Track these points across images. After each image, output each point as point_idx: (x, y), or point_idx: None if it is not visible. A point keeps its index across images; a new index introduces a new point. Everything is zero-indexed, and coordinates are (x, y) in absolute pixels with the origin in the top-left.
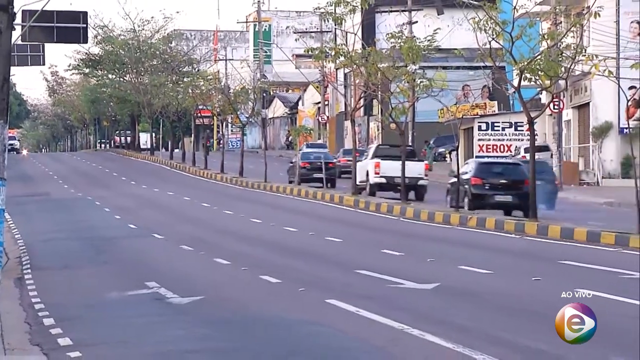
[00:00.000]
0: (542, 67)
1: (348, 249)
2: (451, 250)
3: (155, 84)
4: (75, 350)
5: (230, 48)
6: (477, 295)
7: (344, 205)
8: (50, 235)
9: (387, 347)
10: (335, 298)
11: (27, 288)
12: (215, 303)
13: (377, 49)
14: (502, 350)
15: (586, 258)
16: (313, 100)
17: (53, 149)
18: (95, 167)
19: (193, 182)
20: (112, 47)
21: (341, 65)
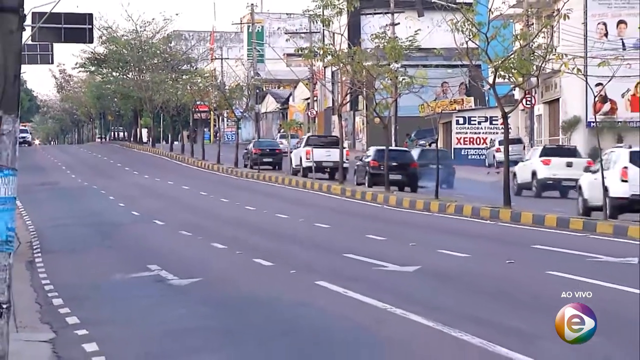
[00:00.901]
0: (515, 66)
1: (335, 234)
2: (431, 236)
3: (156, 81)
4: (82, 329)
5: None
6: (455, 277)
7: (332, 193)
8: (59, 222)
9: (372, 326)
10: (324, 280)
11: (38, 270)
12: (212, 284)
13: (362, 49)
14: (479, 329)
15: (556, 242)
16: (303, 96)
17: (61, 141)
18: (100, 158)
19: (191, 172)
20: (115, 47)
21: (329, 63)
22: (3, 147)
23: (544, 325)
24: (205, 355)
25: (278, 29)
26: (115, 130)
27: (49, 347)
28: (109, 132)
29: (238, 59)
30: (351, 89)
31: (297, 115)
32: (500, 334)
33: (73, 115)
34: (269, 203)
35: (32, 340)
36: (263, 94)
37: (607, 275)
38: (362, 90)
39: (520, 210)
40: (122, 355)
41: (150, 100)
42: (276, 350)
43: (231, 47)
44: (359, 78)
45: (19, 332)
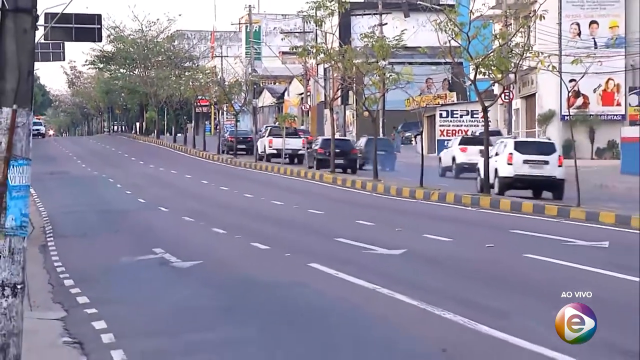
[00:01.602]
0: (494, 63)
1: (327, 220)
2: (416, 221)
3: (160, 77)
4: (92, 308)
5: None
6: (439, 260)
7: (324, 182)
8: (70, 208)
9: (361, 304)
10: (316, 262)
11: (50, 254)
12: (213, 266)
13: (352, 47)
14: (461, 307)
15: (533, 228)
16: (297, 91)
17: (72, 133)
18: (108, 149)
19: (193, 162)
20: (123, 45)
21: (321, 61)
22: (17, 138)
23: (520, 304)
24: (206, 332)
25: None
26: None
27: (61, 325)
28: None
29: (237, 57)
30: (342, 85)
31: (291, 109)
32: (480, 312)
33: (83, 109)
34: (265, 191)
35: (45, 319)
36: (260, 89)
37: (580, 258)
38: (352, 85)
39: (499, 198)
40: (129, 332)
41: (155, 95)
42: (273, 326)
43: (230, 46)
44: (349, 74)
45: (32, 310)
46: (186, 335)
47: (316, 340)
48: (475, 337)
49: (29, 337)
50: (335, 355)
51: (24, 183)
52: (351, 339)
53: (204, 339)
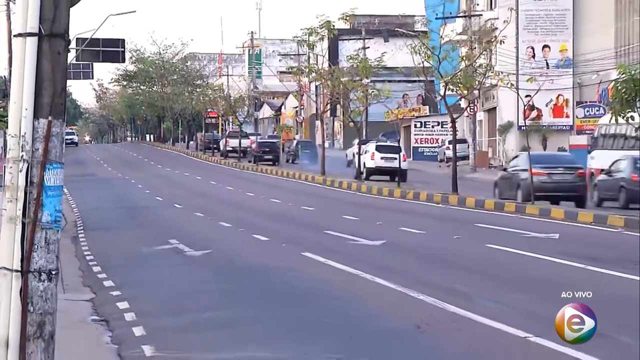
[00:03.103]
0: (461, 81)
1: (318, 215)
2: (393, 216)
3: (175, 93)
4: (116, 290)
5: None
6: (413, 250)
7: (315, 182)
8: (98, 205)
9: (347, 287)
10: (309, 251)
11: (81, 244)
12: (220, 255)
13: (340, 68)
14: (432, 290)
15: (494, 222)
16: (292, 105)
17: (99, 141)
18: (130, 154)
19: (203, 165)
20: (143, 66)
21: (313, 79)
22: (52, 145)
23: (483, 287)
24: (215, 311)
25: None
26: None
27: (90, 305)
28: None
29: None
30: (331, 100)
31: (287, 121)
32: (449, 294)
33: (109, 120)
34: (264, 190)
35: (76, 300)
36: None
37: (534, 247)
38: (339, 100)
39: (465, 196)
40: (148, 312)
41: (171, 108)
42: (272, 305)
43: (235, 66)
44: (337, 91)
45: (65, 293)
46: (198, 313)
47: (308, 318)
48: (445, 316)
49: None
50: (323, 331)
51: (58, 184)
52: (337, 317)
53: (213, 317)
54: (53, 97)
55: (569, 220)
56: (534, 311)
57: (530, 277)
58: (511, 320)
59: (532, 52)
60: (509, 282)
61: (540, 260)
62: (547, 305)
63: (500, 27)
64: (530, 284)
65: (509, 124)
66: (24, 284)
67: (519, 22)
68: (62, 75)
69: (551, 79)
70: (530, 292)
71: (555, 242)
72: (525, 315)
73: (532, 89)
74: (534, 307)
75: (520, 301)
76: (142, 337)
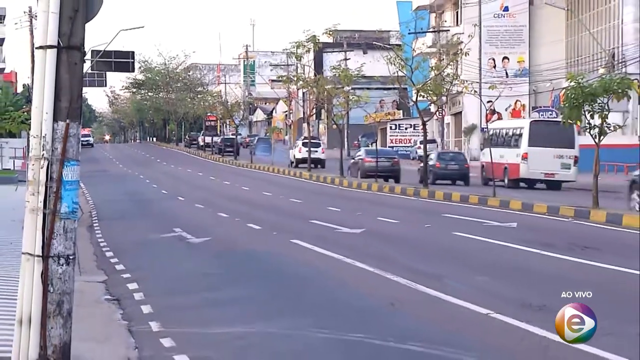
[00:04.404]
0: (431, 88)
1: (305, 206)
2: (371, 208)
3: (179, 99)
4: (126, 273)
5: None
6: (389, 237)
7: (302, 178)
8: (110, 198)
9: (331, 270)
10: (297, 239)
11: (95, 232)
12: (219, 242)
13: (324, 76)
14: (405, 272)
15: (459, 212)
16: (282, 109)
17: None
18: (138, 153)
19: (204, 163)
20: (150, 75)
21: (300, 86)
22: (70, 145)
23: (450, 269)
24: (214, 291)
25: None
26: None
27: (103, 286)
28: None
29: (237, 84)
30: (316, 105)
31: (278, 123)
32: (420, 276)
33: (120, 122)
34: (258, 185)
35: (91, 281)
36: (254, 108)
37: (495, 235)
38: (324, 105)
39: (434, 190)
40: (155, 292)
41: (175, 112)
42: (264, 285)
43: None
44: (321, 97)
45: (81, 275)
46: (199, 293)
47: (296, 297)
48: (416, 295)
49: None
50: (309, 308)
51: (75, 179)
52: (322, 296)
53: (213, 296)
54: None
55: (525, 210)
56: (495, 291)
57: (492, 261)
58: (475, 299)
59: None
60: (473, 266)
61: (501, 246)
62: (506, 286)
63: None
64: (491, 267)
65: (473, 126)
66: (45, 268)
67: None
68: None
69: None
70: (492, 274)
71: (513, 230)
72: (488, 294)
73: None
74: (495, 288)
75: (483, 282)
76: (149, 314)
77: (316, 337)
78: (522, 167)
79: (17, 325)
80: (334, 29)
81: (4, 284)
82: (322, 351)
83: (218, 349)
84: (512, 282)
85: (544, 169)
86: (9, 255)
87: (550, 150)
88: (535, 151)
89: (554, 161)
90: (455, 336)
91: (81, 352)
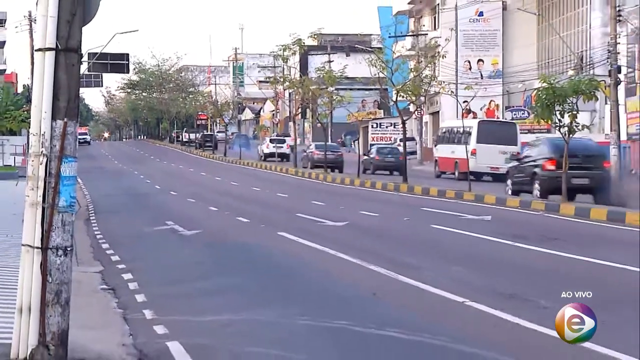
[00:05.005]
0: (410, 89)
1: (291, 200)
2: (354, 202)
3: (171, 98)
4: (121, 264)
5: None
6: (370, 229)
7: (288, 174)
8: (106, 192)
9: (315, 261)
10: (283, 231)
11: (92, 225)
12: (209, 234)
13: (309, 78)
14: (386, 263)
15: (437, 206)
16: (269, 109)
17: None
18: (133, 150)
19: (196, 159)
20: (144, 76)
21: (287, 87)
22: (67, 142)
23: (428, 260)
24: (205, 281)
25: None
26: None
27: (99, 277)
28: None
29: (226, 84)
30: (301, 104)
31: (266, 122)
32: (400, 266)
33: (115, 121)
34: (246, 180)
35: (88, 272)
36: (243, 108)
37: (471, 228)
38: (309, 104)
39: (413, 184)
40: (148, 281)
41: (168, 112)
42: (252, 276)
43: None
44: (306, 97)
45: (78, 266)
46: (190, 283)
47: (282, 286)
48: (396, 284)
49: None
50: (295, 297)
51: (72, 174)
52: (307, 286)
53: (203, 286)
54: (68, 101)
55: (499, 205)
56: (470, 281)
57: (467, 252)
58: (451, 288)
59: (469, 65)
60: (450, 257)
61: (476, 238)
62: (481, 276)
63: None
64: (467, 258)
65: None
66: (44, 259)
67: (458, 40)
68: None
69: (485, 87)
70: (468, 264)
71: (488, 223)
72: (463, 284)
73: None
74: (470, 278)
75: (459, 272)
76: (143, 303)
77: (301, 325)
78: (471, 162)
79: (17, 313)
80: (318, 33)
81: (4, 274)
82: (307, 337)
83: (209, 336)
84: (486, 272)
85: (490, 163)
86: (10, 247)
87: (495, 147)
88: (482, 147)
89: (498, 156)
90: (433, 323)
91: (78, 339)
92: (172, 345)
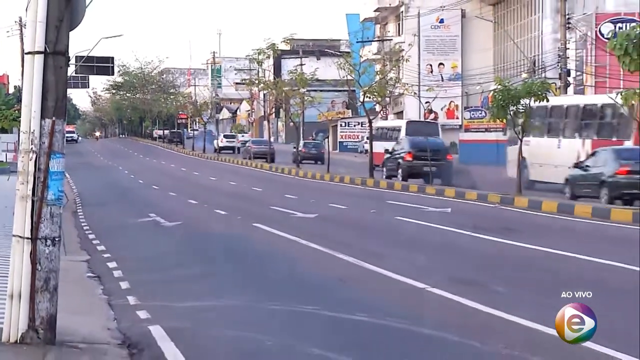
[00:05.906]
0: (376, 90)
1: (265, 194)
2: (324, 195)
3: (154, 99)
4: (107, 253)
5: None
6: (339, 220)
7: (264, 169)
8: (92, 186)
9: (286, 250)
10: (258, 222)
11: (79, 217)
12: (189, 226)
13: (282, 80)
14: (352, 251)
15: (401, 199)
16: (245, 109)
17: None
18: (118, 147)
19: (176, 156)
20: (128, 78)
21: (261, 88)
22: (56, 140)
23: (391, 249)
24: (185, 268)
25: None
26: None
27: (86, 265)
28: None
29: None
30: (275, 104)
31: (242, 121)
32: (365, 255)
33: (101, 120)
34: (225, 175)
35: (75, 261)
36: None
37: (432, 219)
38: (282, 105)
39: (379, 179)
40: (132, 269)
41: (150, 111)
42: (229, 264)
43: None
44: (280, 98)
45: (66, 255)
46: (171, 271)
47: (256, 273)
48: (362, 272)
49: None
50: (269, 283)
51: (60, 170)
52: (280, 273)
53: (184, 273)
54: (56, 101)
55: (458, 198)
56: (431, 268)
57: (429, 241)
58: (413, 275)
59: (430, 68)
60: (412, 246)
61: (437, 229)
62: (441, 264)
63: (406, 49)
64: (429, 247)
65: None
66: (33, 249)
67: (420, 45)
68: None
69: (445, 89)
70: (429, 253)
71: (448, 215)
72: (425, 271)
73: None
74: (431, 265)
75: (421, 260)
76: (127, 289)
77: (275, 309)
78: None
79: (8, 299)
80: (291, 38)
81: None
82: (279, 321)
83: (188, 320)
84: (447, 260)
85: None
86: (1, 237)
87: None
88: None
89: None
90: (397, 307)
91: (66, 323)
92: (154, 329)
